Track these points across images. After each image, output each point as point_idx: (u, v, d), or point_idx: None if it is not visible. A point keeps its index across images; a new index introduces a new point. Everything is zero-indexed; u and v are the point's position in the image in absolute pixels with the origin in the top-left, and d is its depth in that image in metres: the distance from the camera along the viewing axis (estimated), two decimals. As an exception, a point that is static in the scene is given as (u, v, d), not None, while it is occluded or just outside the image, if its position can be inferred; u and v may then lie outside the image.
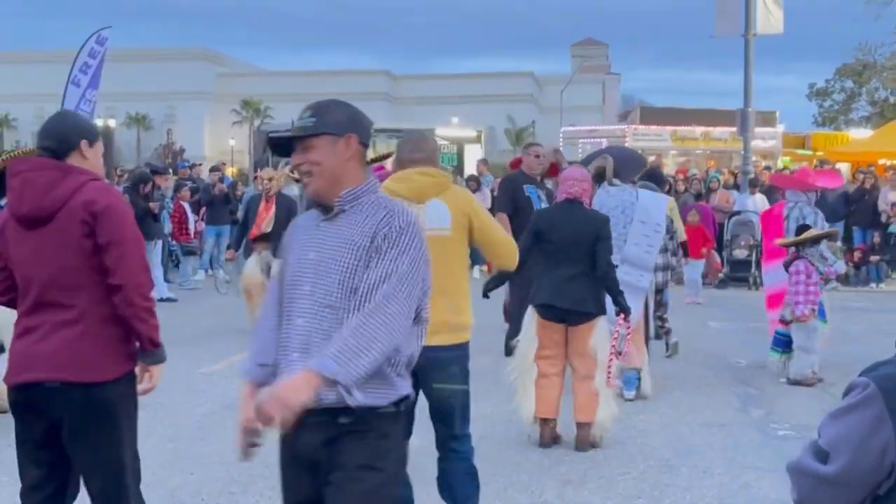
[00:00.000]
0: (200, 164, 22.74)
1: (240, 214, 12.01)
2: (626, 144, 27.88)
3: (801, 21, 59.50)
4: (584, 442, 6.02)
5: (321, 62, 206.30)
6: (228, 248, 11.78)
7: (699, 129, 28.36)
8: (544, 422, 6.10)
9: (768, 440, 6.41)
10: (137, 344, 3.45)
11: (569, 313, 5.97)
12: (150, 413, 6.76)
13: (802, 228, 8.52)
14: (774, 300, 8.86)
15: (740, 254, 15.88)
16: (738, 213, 16.42)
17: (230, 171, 33.36)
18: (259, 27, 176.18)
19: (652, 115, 32.68)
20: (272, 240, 10.07)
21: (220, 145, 73.09)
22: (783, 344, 8.42)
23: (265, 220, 10.14)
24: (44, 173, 3.34)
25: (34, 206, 3.31)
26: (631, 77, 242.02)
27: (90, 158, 3.47)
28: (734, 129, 21.16)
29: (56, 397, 3.29)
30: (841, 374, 7.81)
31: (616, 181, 7.62)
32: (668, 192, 13.82)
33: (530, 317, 6.18)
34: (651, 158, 28.32)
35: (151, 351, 3.43)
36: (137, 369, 3.48)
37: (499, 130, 75.36)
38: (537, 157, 8.99)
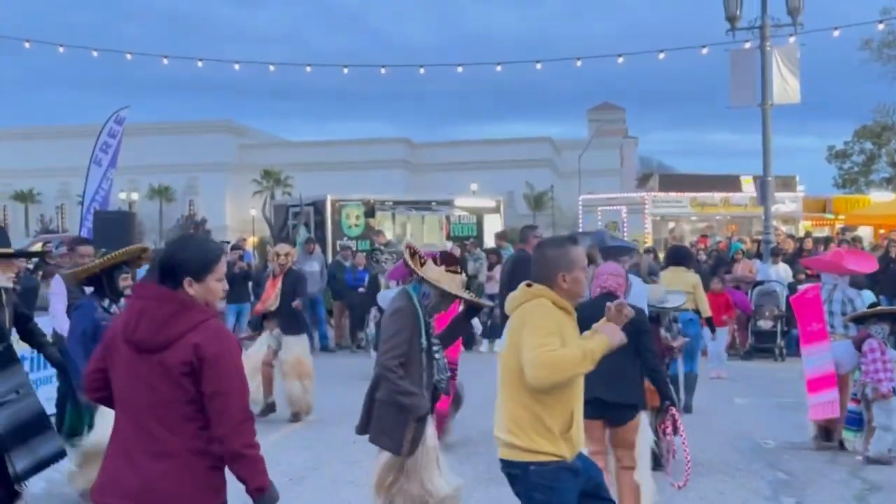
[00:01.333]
0: (228, 243, 22.77)
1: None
2: (646, 211, 27.90)
3: (819, 82, 59.64)
4: None
5: (341, 131, 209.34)
6: (249, 324, 11.84)
7: (718, 196, 28.33)
8: None
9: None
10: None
11: (613, 406, 5.86)
12: None
13: (872, 306, 8.73)
14: (815, 384, 8.68)
15: (765, 324, 15.69)
16: (762, 282, 16.27)
17: (251, 241, 33.61)
18: (280, 98, 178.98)
19: (671, 182, 32.70)
20: (279, 317, 10.12)
21: (242, 215, 73.73)
22: (857, 422, 8.41)
23: (270, 298, 10.10)
24: (164, 306, 3.39)
25: (147, 337, 3.37)
26: (648, 140, 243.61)
27: (213, 287, 3.53)
28: (753, 194, 21.17)
29: None
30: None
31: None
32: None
33: None
34: (670, 226, 28.51)
35: (260, 497, 3.39)
36: None
37: (517, 195, 75.72)
38: (536, 238, 9.63)
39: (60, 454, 5.70)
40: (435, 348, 5.51)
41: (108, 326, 3.70)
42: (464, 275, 15.29)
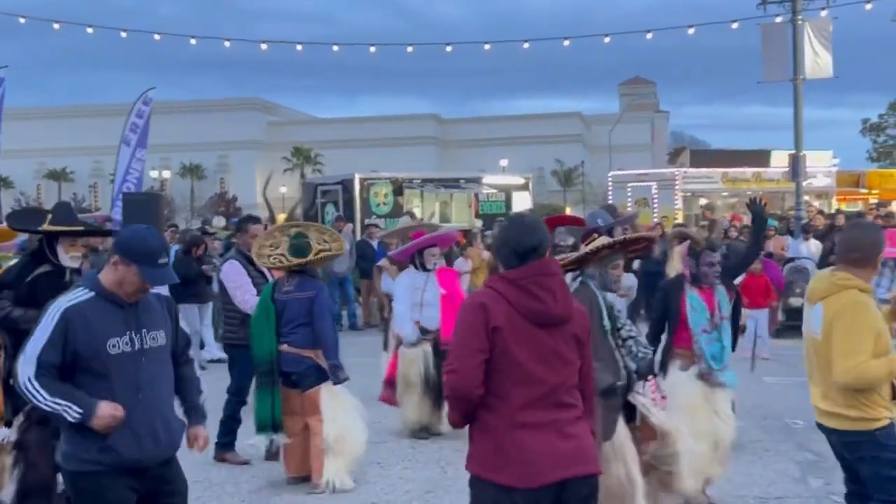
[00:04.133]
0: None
1: None
2: (676, 187, 27.69)
3: (853, 55, 58.81)
4: None
5: (371, 107, 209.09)
6: None
7: (750, 171, 28.05)
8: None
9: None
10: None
11: None
12: (196, 491, 6.76)
13: None
14: None
15: (796, 301, 15.52)
16: (793, 259, 16.10)
17: (281, 218, 33.73)
18: (309, 75, 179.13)
19: (702, 158, 32.38)
20: None
21: (272, 193, 73.96)
22: None
23: None
24: (564, 284, 3.68)
25: (563, 309, 3.55)
26: (679, 114, 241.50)
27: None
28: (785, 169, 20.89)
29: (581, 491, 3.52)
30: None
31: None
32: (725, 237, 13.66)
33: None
34: (702, 202, 28.26)
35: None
36: None
37: (547, 171, 75.39)
38: None
39: None
40: (624, 331, 5.37)
41: None
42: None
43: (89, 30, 24.30)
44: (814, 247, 16.29)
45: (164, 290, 7.25)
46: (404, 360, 8.47)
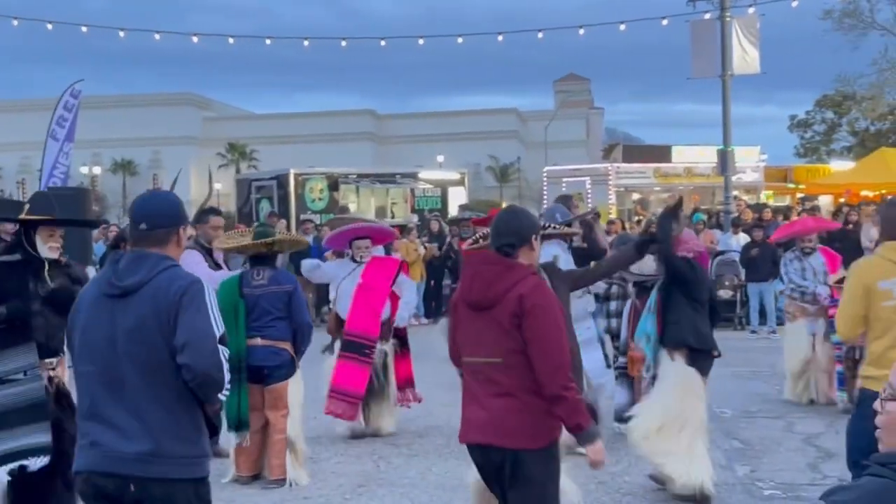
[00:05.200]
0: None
1: None
2: (610, 182, 28.00)
3: (782, 52, 60.08)
4: None
5: (307, 104, 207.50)
6: None
7: (681, 166, 28.48)
8: None
9: (754, 501, 6.33)
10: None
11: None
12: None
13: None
14: None
15: (725, 294, 15.84)
16: (722, 252, 16.42)
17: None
18: (245, 71, 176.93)
19: (634, 153, 32.82)
20: None
21: (206, 189, 73.07)
22: (843, 382, 8.89)
23: None
24: (490, 268, 3.95)
25: (481, 295, 3.91)
26: (614, 111, 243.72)
27: (535, 249, 4.12)
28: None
29: (496, 458, 3.89)
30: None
31: None
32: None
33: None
34: (634, 196, 28.61)
35: (580, 434, 3.86)
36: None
37: (483, 167, 75.64)
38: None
39: (41, 451, 5.12)
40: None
41: None
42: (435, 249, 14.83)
43: (14, 22, 23.73)
44: (743, 240, 16.62)
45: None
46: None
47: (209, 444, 3.49)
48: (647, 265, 8.31)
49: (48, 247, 5.39)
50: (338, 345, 8.16)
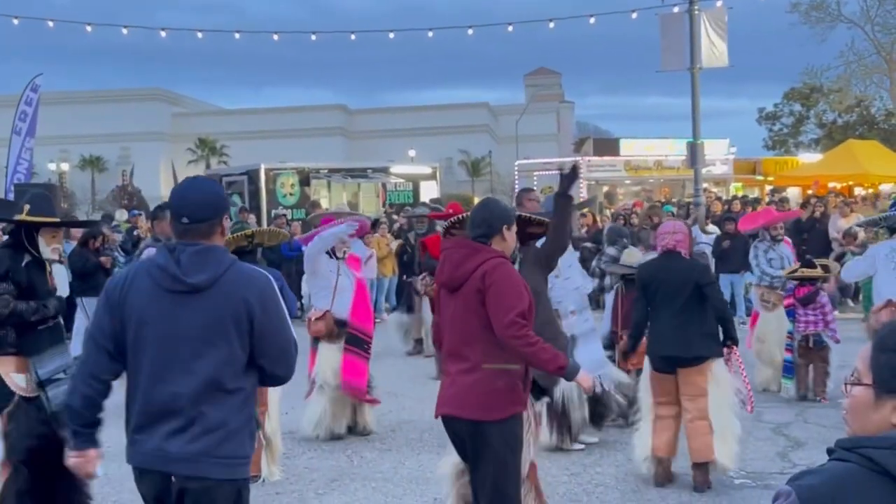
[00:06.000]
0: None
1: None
2: (581, 176, 28.10)
3: (749, 45, 60.48)
4: (702, 483, 6.30)
5: (277, 99, 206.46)
6: None
7: (652, 159, 28.63)
8: (659, 461, 6.45)
9: (725, 489, 6.38)
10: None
11: (679, 360, 6.31)
12: (95, 487, 6.61)
13: (809, 263, 9.30)
14: None
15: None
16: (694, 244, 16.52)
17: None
18: (214, 66, 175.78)
19: (605, 146, 32.97)
20: None
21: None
22: (792, 370, 9.14)
23: None
24: (459, 251, 4.33)
25: (450, 276, 4.30)
26: (584, 104, 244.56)
27: (508, 240, 4.41)
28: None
29: (461, 429, 4.30)
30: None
31: None
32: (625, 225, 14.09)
33: (647, 367, 6.57)
34: (604, 189, 28.78)
35: (564, 373, 4.22)
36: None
37: (455, 161, 75.63)
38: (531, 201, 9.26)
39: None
40: None
41: None
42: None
43: (-22, 17, 23.38)
44: (712, 231, 16.74)
45: (64, 285, 6.96)
46: (321, 358, 7.96)
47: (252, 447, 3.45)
48: (636, 258, 8.38)
49: (51, 248, 5.38)
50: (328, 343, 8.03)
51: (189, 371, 3.18)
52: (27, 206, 5.41)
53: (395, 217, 19.19)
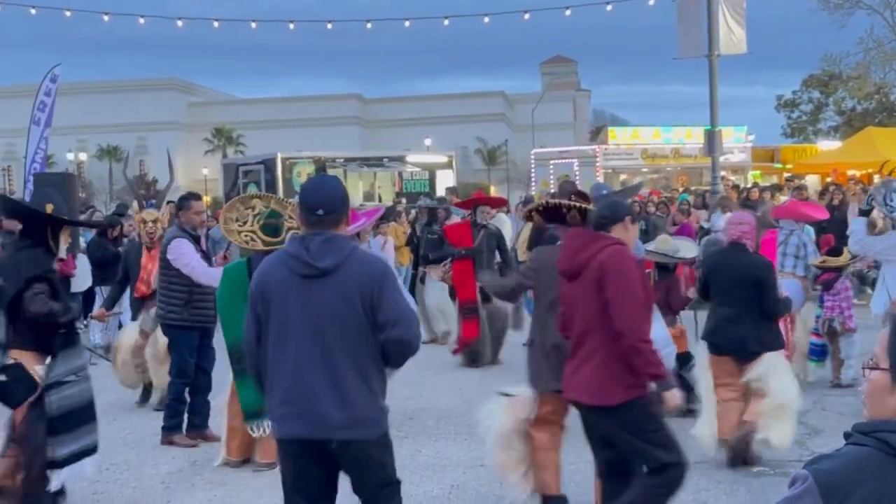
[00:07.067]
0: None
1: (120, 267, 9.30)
2: (598, 164, 28.05)
3: (767, 32, 60.03)
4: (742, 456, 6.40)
5: (293, 88, 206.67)
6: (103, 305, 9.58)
7: (669, 147, 28.51)
8: (726, 443, 6.45)
9: (742, 477, 6.37)
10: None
11: (729, 352, 6.37)
12: (114, 473, 6.67)
13: (835, 251, 9.31)
14: None
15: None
16: (709, 232, 16.45)
17: (205, 201, 33.16)
18: (230, 55, 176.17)
19: (622, 135, 32.88)
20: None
21: (194, 175, 72.82)
22: (819, 353, 9.14)
23: (152, 274, 8.52)
24: (578, 239, 4.55)
25: (568, 264, 4.50)
26: (601, 93, 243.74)
27: (630, 231, 4.57)
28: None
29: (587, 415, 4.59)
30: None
31: None
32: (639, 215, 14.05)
33: (704, 351, 6.64)
34: (622, 178, 28.68)
35: (658, 383, 4.43)
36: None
37: (471, 150, 75.53)
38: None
39: (94, 449, 5.40)
40: None
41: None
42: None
43: (-2, 7, 23.56)
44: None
45: (86, 276, 7.00)
46: None
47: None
48: (670, 244, 8.38)
49: (65, 247, 5.58)
50: None
51: (325, 345, 3.65)
52: (50, 206, 5.52)
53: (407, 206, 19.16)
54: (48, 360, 5.22)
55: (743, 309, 6.31)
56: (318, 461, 3.72)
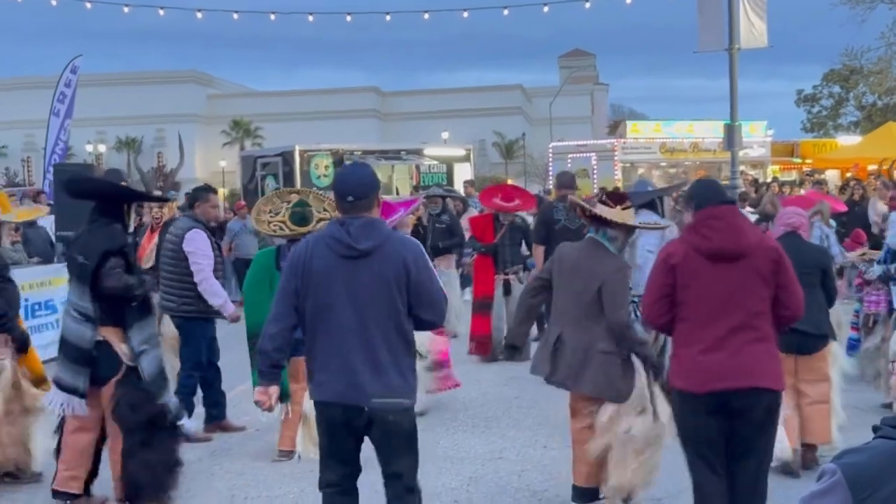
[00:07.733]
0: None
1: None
2: (616, 158, 27.94)
3: (788, 26, 59.61)
4: (811, 460, 6.27)
5: (311, 81, 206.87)
6: None
7: (688, 141, 28.38)
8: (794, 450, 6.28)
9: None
10: None
11: (806, 336, 6.14)
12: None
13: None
14: None
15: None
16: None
17: (221, 193, 33.29)
18: (248, 47, 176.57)
19: (641, 128, 32.73)
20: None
21: (211, 167, 73.13)
22: (855, 347, 9.01)
23: (146, 254, 8.86)
24: (737, 219, 4.37)
25: (733, 243, 4.25)
26: (619, 86, 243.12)
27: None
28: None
29: (750, 401, 4.26)
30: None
31: None
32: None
33: None
34: (640, 171, 28.54)
35: None
36: None
37: (489, 143, 75.46)
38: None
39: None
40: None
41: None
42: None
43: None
44: (749, 214, 16.60)
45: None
46: None
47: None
48: None
49: (131, 222, 5.81)
50: None
51: (362, 322, 3.94)
52: (124, 184, 5.92)
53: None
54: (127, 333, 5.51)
55: (813, 297, 6.05)
56: (350, 427, 4.04)
